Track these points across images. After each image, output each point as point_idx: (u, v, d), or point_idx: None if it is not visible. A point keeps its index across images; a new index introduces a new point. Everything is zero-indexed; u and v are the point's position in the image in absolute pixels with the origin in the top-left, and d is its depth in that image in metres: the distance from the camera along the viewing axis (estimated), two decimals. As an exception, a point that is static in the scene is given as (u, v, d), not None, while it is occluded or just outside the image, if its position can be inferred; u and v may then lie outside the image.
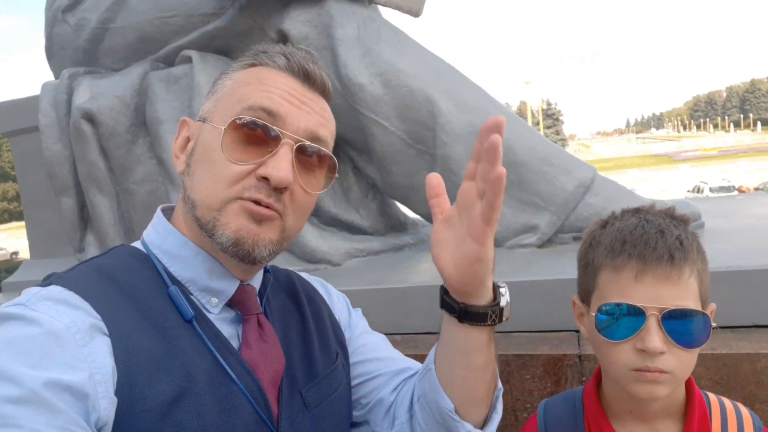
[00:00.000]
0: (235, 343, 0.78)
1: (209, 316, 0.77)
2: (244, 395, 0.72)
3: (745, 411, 0.94)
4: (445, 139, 1.98)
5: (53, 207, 2.53)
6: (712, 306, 0.90)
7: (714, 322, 0.87)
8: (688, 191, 26.45)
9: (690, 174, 40.99)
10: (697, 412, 0.90)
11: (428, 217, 2.26)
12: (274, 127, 0.74)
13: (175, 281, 0.77)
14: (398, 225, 2.47)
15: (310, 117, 0.78)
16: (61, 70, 2.50)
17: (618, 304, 0.85)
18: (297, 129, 0.76)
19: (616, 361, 0.86)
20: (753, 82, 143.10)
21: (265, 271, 0.89)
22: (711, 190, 24.97)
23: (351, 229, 2.29)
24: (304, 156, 0.77)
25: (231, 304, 0.80)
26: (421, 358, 1.56)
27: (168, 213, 0.84)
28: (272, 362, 0.79)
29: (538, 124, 66.34)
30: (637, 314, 0.83)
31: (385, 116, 2.02)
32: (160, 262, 0.77)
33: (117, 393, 0.63)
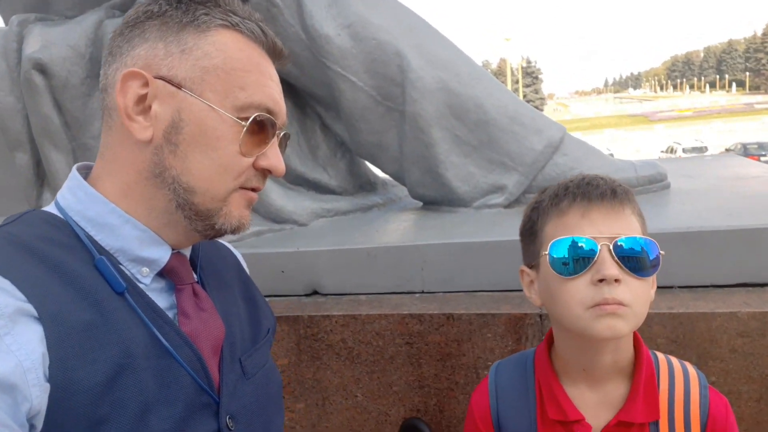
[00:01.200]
0: (171, 314, 0.75)
1: (140, 286, 0.73)
2: (183, 367, 0.70)
3: (692, 369, 0.96)
4: (415, 95, 1.93)
5: (7, 163, 2.43)
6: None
7: (661, 251, 0.89)
8: (662, 152, 26.86)
9: (665, 134, 41.48)
10: (644, 372, 0.91)
11: (397, 177, 2.23)
12: (276, 122, 0.77)
13: (102, 251, 0.72)
14: (367, 185, 2.44)
15: (283, 102, 0.80)
16: (10, 16, 2.35)
17: (570, 239, 0.85)
18: (282, 119, 0.79)
19: (572, 300, 0.85)
20: (730, 43, 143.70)
21: None
22: (684, 150, 25.39)
23: (318, 188, 2.24)
24: (280, 140, 0.81)
25: (163, 273, 0.76)
26: (385, 318, 1.58)
27: (83, 173, 0.77)
28: (212, 330, 0.77)
29: (517, 82, 65.98)
30: (588, 247, 0.84)
31: (352, 71, 1.95)
32: (82, 230, 0.72)
33: (50, 378, 0.60)
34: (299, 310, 1.67)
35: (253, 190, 0.78)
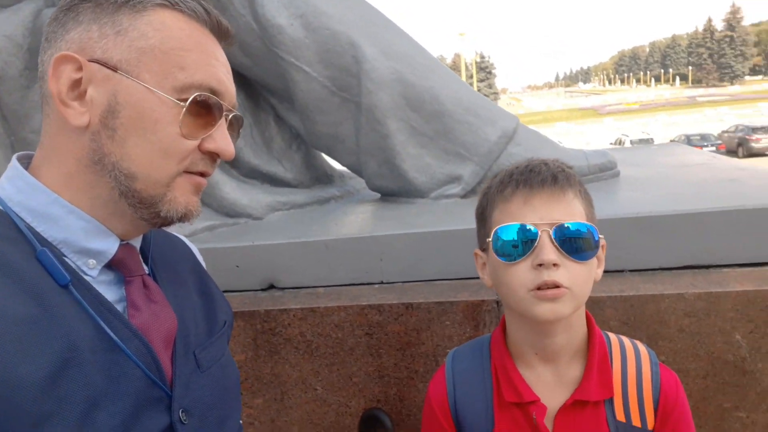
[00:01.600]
0: (121, 307, 0.72)
1: (87, 279, 0.70)
2: (132, 360, 0.68)
3: (642, 348, 0.99)
4: (370, 87, 1.92)
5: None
6: (603, 241, 0.94)
7: (603, 238, 0.92)
8: (611, 143, 27.71)
9: (613, 127, 42.79)
10: (597, 352, 0.93)
11: (354, 169, 2.21)
12: (222, 103, 0.74)
13: (44, 242, 0.68)
14: (324, 177, 2.41)
15: (232, 83, 0.77)
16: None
17: (512, 225, 0.89)
18: (230, 101, 0.76)
19: (515, 283, 0.88)
20: (674, 38, 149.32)
21: None
22: (631, 142, 26.31)
23: (274, 181, 2.20)
24: (230, 122, 0.78)
25: (110, 265, 0.74)
26: (344, 310, 1.56)
27: (24, 162, 0.74)
28: (164, 323, 0.74)
29: (471, 77, 66.77)
30: (530, 233, 0.87)
31: (306, 61, 1.92)
32: (23, 221, 0.68)
33: None
34: (255, 305, 1.64)
35: (202, 175, 0.75)
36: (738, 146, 24.41)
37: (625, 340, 1.00)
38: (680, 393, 0.95)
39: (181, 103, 0.70)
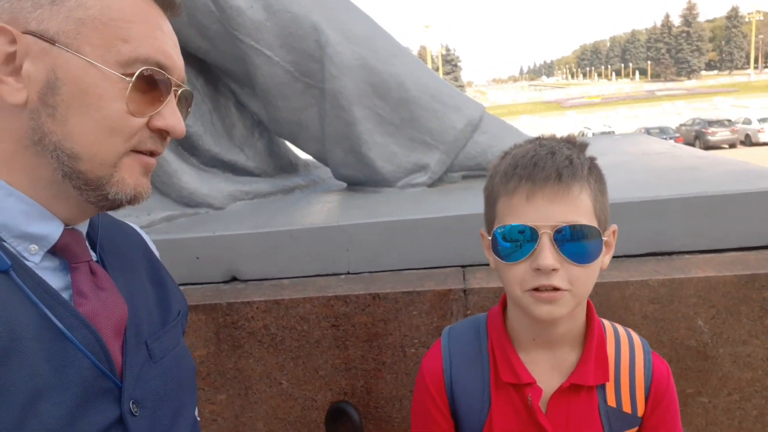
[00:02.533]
0: (67, 295, 0.68)
1: (28, 264, 0.66)
2: (79, 349, 0.64)
3: (635, 337, 1.00)
4: (334, 72, 1.87)
5: None
6: (613, 227, 0.92)
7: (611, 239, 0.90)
8: (574, 136, 28.19)
9: (576, 120, 43.62)
10: (596, 339, 0.93)
11: (319, 157, 2.16)
12: (170, 78, 0.70)
13: None
14: (288, 166, 2.35)
15: (180, 56, 0.74)
16: None
17: (512, 226, 0.85)
18: (179, 75, 0.73)
19: (514, 284, 0.86)
20: (633, 33, 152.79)
21: None
22: (593, 135, 26.88)
23: (235, 170, 2.14)
24: (179, 98, 0.74)
25: (54, 251, 0.69)
26: (310, 302, 1.52)
27: None
28: (113, 311, 0.71)
29: (437, 69, 67.01)
30: (530, 234, 0.84)
31: (267, 45, 1.86)
32: None
33: None
34: (217, 297, 1.58)
35: (151, 154, 0.72)
36: (695, 139, 25.26)
37: (619, 327, 1.00)
38: (671, 383, 0.97)
39: (127, 78, 0.66)
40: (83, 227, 0.76)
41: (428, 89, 1.95)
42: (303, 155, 2.37)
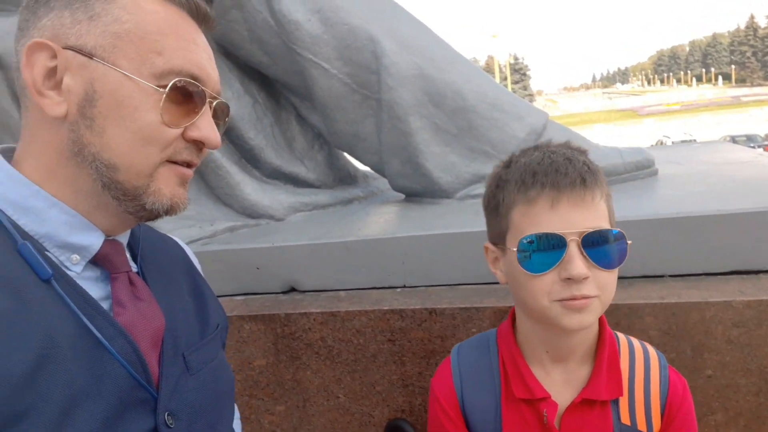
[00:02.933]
0: (107, 305, 0.69)
1: (70, 274, 0.68)
2: (116, 359, 0.65)
3: (652, 350, 0.96)
4: (391, 83, 1.85)
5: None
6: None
7: (628, 240, 0.87)
8: (652, 146, 27.04)
9: (654, 128, 41.79)
10: (607, 351, 0.91)
11: (377, 169, 2.15)
12: (204, 90, 0.72)
13: (26, 236, 0.66)
14: (347, 177, 2.36)
15: (214, 69, 0.75)
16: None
17: (538, 236, 0.83)
18: (214, 87, 0.74)
19: (540, 295, 0.84)
20: (714, 36, 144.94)
21: None
22: (673, 143, 25.57)
23: (296, 182, 2.16)
24: (214, 110, 0.75)
25: (96, 261, 0.71)
26: (366, 315, 1.50)
27: (7, 155, 0.72)
28: (151, 321, 0.72)
29: (505, 79, 66.20)
30: (557, 242, 0.81)
31: (324, 57, 1.87)
32: (3, 213, 0.66)
33: None
34: (276, 308, 1.59)
35: (188, 165, 0.73)
36: (787, 146, 23.46)
37: (635, 341, 0.97)
38: (687, 398, 0.93)
39: (161, 90, 0.67)
40: (124, 238, 0.77)
41: (487, 97, 1.89)
42: (362, 167, 2.38)
